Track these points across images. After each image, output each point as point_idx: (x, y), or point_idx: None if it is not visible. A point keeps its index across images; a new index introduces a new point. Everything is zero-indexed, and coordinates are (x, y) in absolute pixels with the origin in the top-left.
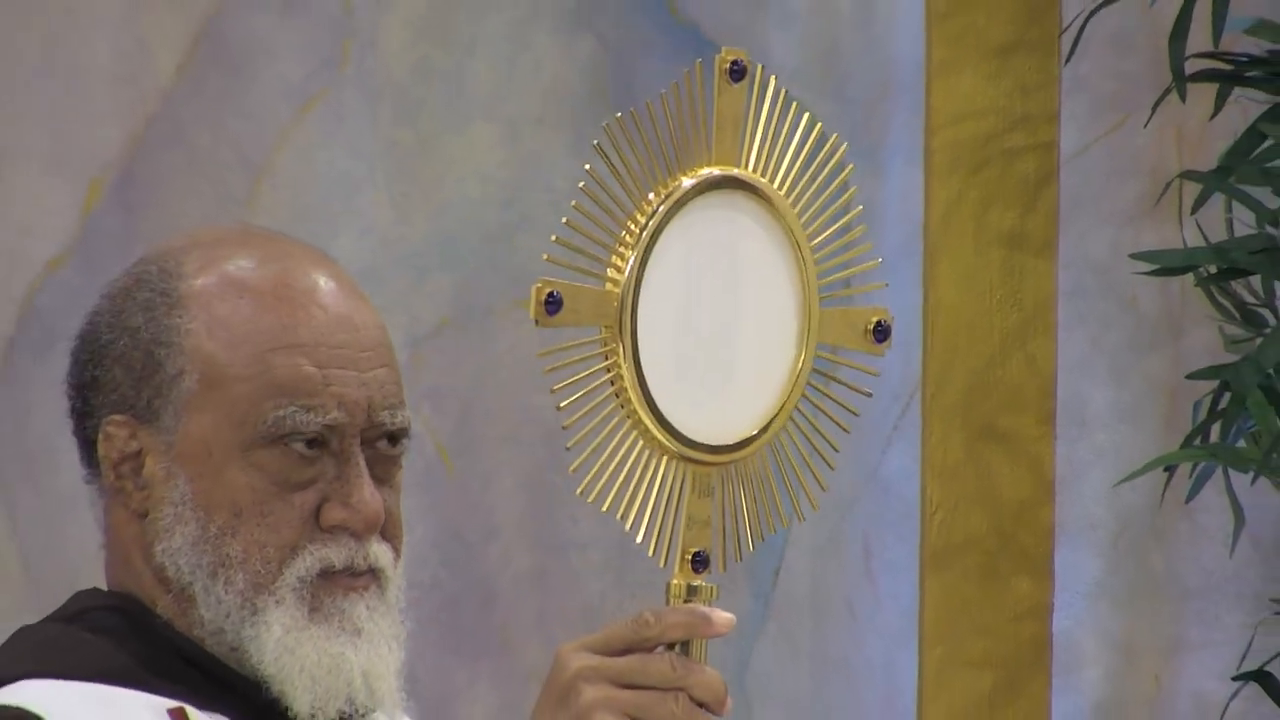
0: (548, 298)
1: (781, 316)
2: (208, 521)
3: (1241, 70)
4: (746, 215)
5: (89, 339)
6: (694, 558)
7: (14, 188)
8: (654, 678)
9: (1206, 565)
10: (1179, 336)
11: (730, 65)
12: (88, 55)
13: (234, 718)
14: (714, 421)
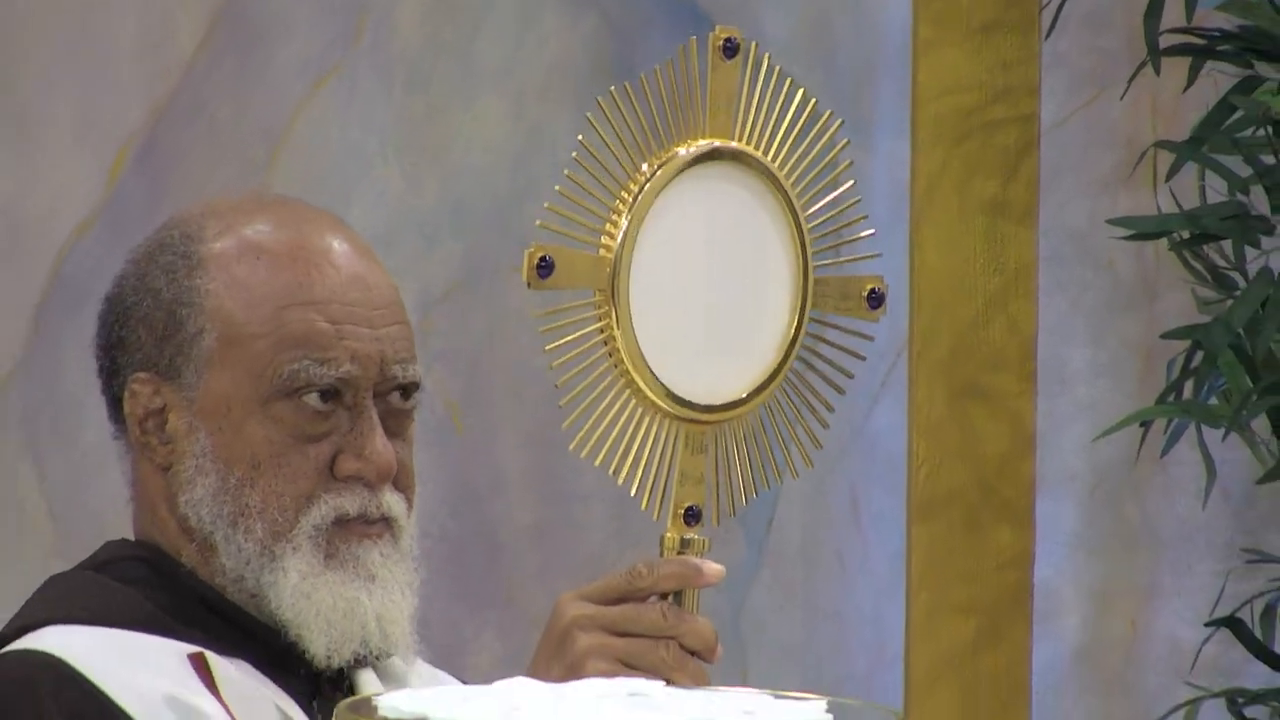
0: (539, 262)
1: (775, 283)
2: (227, 473)
3: (1213, 45)
4: (740, 186)
5: (115, 301)
6: (687, 512)
7: (43, 156)
8: (646, 626)
9: (1180, 516)
10: (1154, 299)
11: (724, 42)
12: (114, 32)
13: (253, 662)
14: (707, 382)
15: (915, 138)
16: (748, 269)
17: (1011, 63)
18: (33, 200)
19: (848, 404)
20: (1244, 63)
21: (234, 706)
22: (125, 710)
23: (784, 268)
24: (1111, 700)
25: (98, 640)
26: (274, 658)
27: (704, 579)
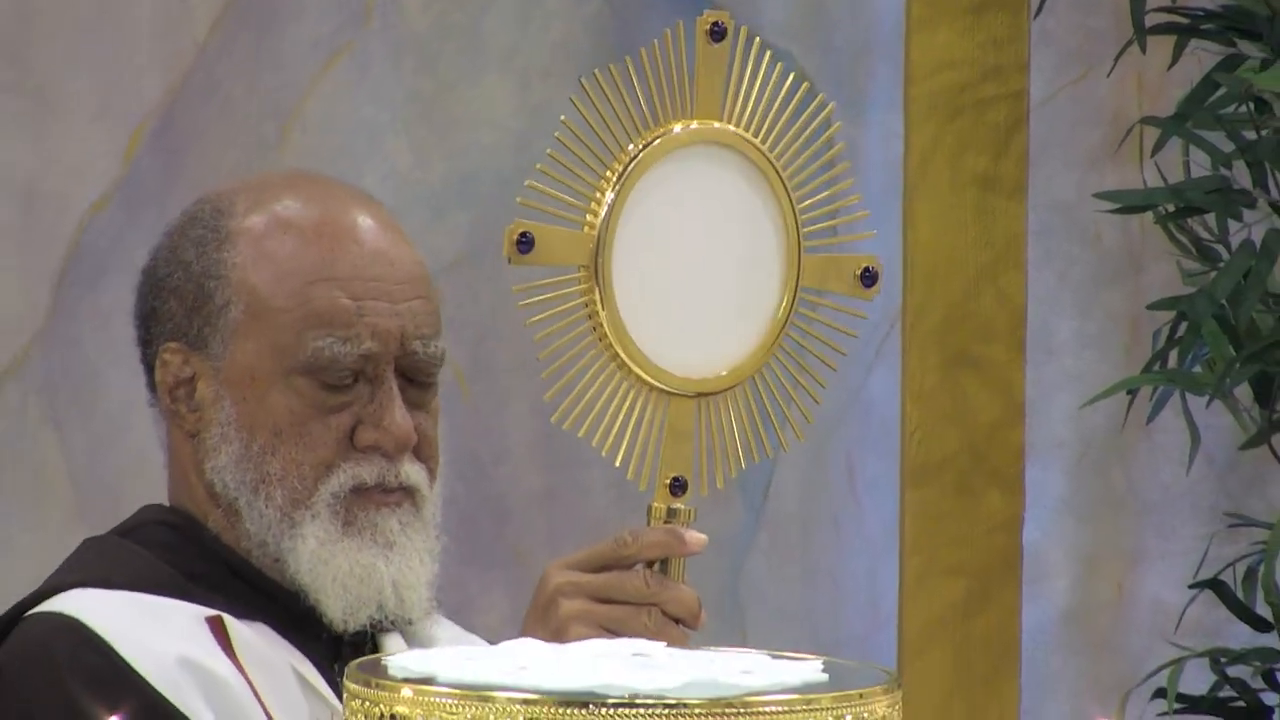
0: (519, 238)
1: (765, 261)
2: (250, 441)
3: (1197, 23)
4: (727, 166)
5: (149, 273)
6: (673, 482)
7: (63, 135)
8: (628, 593)
9: (1164, 481)
10: (1139, 271)
11: (711, 26)
12: (131, 13)
13: (275, 626)
14: (694, 357)
15: (908, 114)
16: (737, 248)
17: (1001, 41)
18: (52, 176)
19: (843, 372)
20: (1227, 41)
21: (249, 669)
22: (139, 671)
23: (775, 247)
24: (1099, 660)
25: (117, 603)
26: (295, 621)
27: (687, 548)
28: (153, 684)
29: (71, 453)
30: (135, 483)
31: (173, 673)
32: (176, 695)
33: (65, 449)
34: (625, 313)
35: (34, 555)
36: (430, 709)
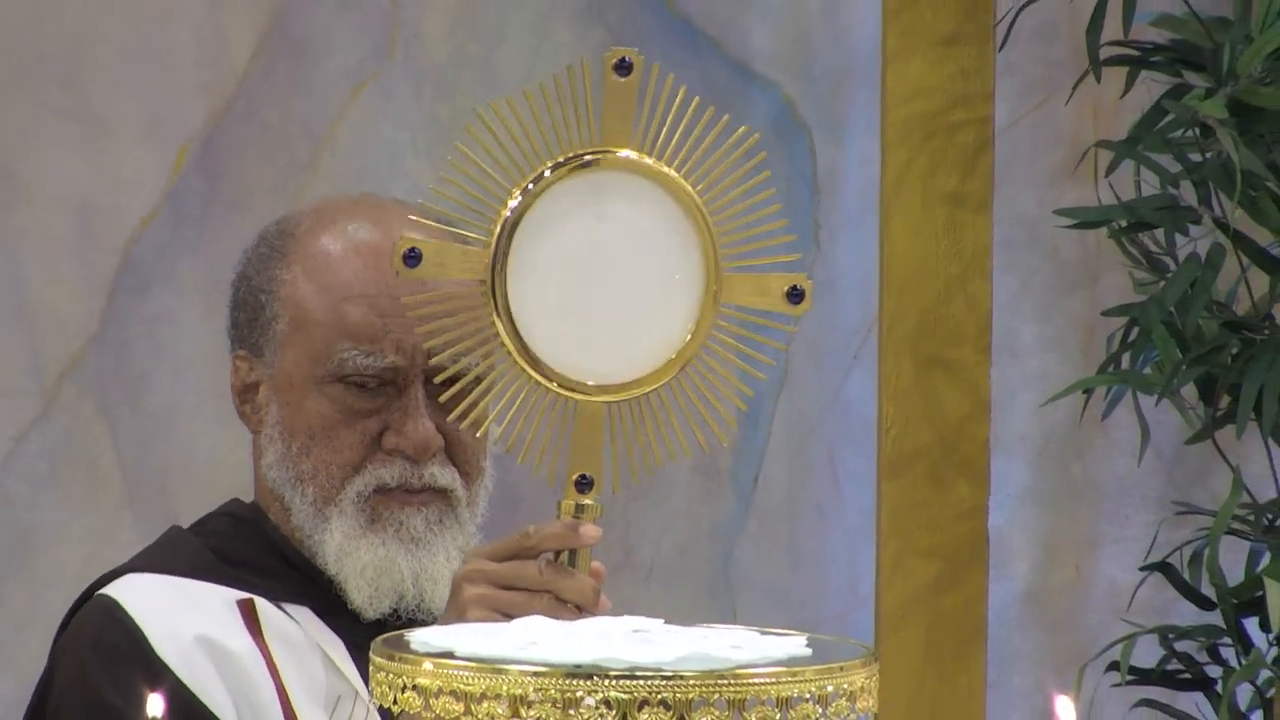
0: (407, 253)
1: (681, 279)
2: (290, 442)
3: (1147, 56)
4: (639, 191)
5: (232, 287)
6: (579, 480)
7: (115, 155)
8: (525, 580)
9: (1118, 473)
10: (1095, 280)
11: (617, 61)
12: (176, 43)
13: (316, 610)
14: (601, 364)
15: (884, 138)
16: (647, 265)
17: (969, 71)
18: (104, 193)
19: (825, 373)
20: (1174, 72)
21: (274, 648)
22: (155, 648)
23: (692, 265)
24: (1058, 636)
25: (155, 586)
26: (334, 607)
27: (581, 540)
28: (166, 660)
29: (121, 445)
30: (180, 473)
31: (189, 650)
32: (188, 671)
33: (116, 442)
34: (526, 322)
35: (87, 538)
36: (449, 680)
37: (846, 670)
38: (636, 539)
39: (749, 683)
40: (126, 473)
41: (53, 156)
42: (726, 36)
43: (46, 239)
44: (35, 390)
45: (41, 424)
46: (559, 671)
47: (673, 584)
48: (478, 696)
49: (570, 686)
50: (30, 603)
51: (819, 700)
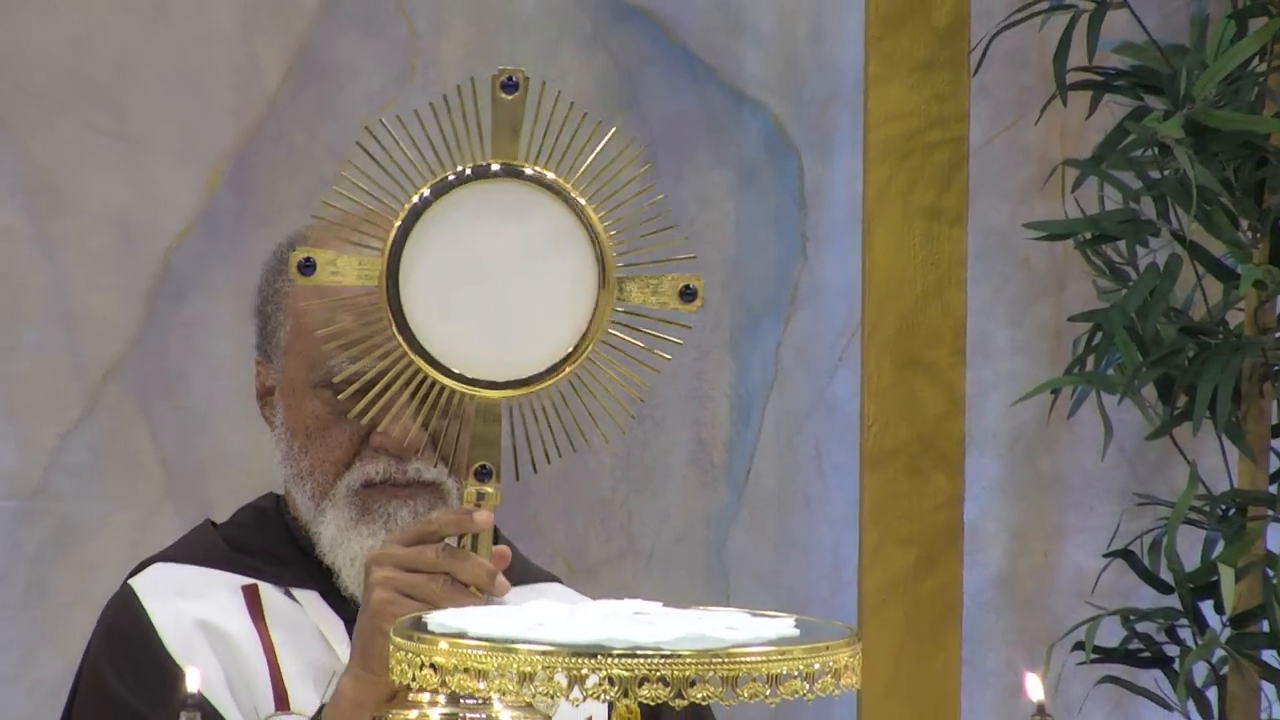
0: (301, 262)
1: (573, 280)
2: (292, 441)
3: (1110, 80)
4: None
5: (254, 297)
6: (479, 470)
7: (153, 173)
8: (424, 563)
9: (1084, 467)
10: (1062, 288)
11: (504, 80)
12: (211, 69)
13: (322, 593)
14: (497, 361)
15: (867, 156)
16: (539, 270)
17: (945, 95)
18: (144, 209)
19: (812, 374)
20: (1135, 95)
21: (274, 630)
22: (159, 631)
23: (584, 269)
24: (1028, 618)
25: (171, 575)
26: (335, 592)
27: (475, 525)
28: (168, 646)
29: (161, 441)
30: (215, 467)
31: (188, 633)
32: (185, 651)
33: (155, 438)
34: (421, 324)
35: (129, 529)
36: (463, 659)
37: (832, 649)
38: (637, 528)
39: (742, 661)
40: (166, 467)
41: (96, 174)
42: (721, 63)
43: (90, 251)
44: (80, 390)
45: (86, 422)
46: (565, 650)
47: (671, 570)
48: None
49: (576, 664)
50: (76, 588)
51: (806, 677)
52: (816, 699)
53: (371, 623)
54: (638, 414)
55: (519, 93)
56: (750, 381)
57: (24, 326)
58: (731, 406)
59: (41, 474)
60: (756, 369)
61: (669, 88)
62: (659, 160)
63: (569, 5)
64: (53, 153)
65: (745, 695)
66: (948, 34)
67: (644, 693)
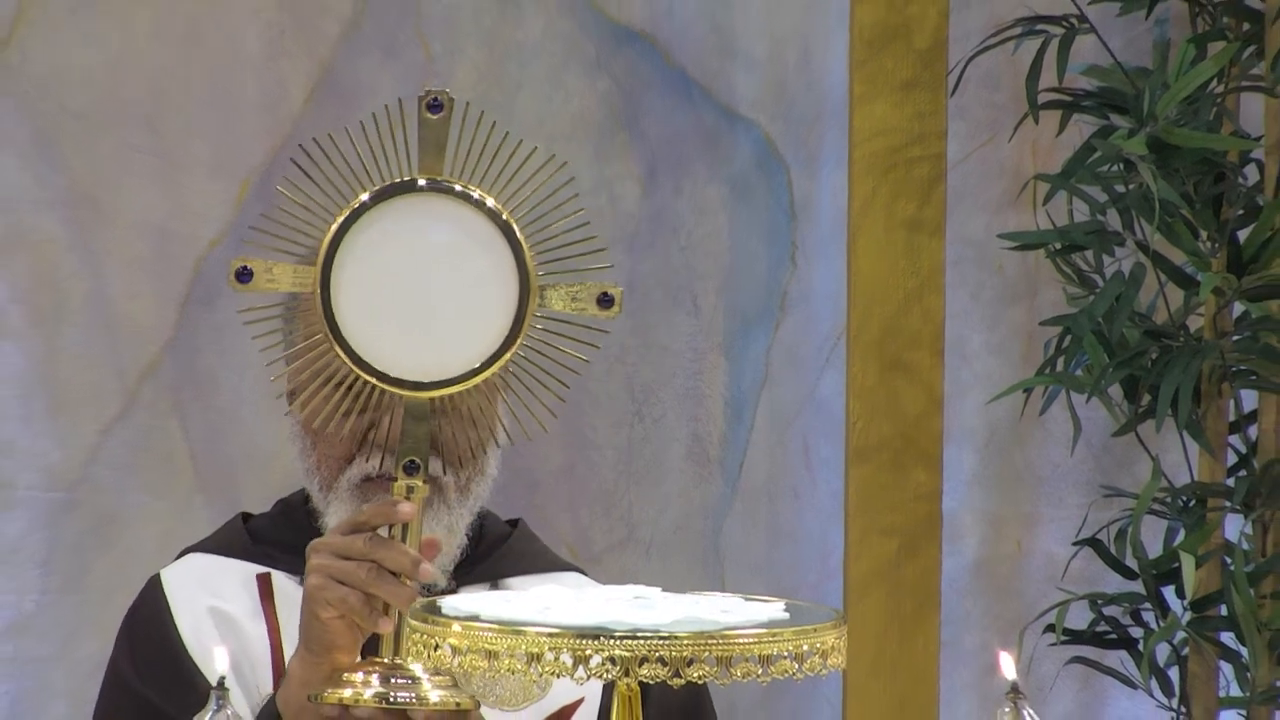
0: (238, 270)
1: (494, 287)
2: (304, 439)
3: (1079, 100)
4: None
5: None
6: (407, 465)
7: (187, 187)
8: (354, 552)
9: (1054, 461)
10: (1034, 294)
11: (430, 101)
12: (241, 91)
13: None
14: (424, 363)
15: (852, 171)
16: (463, 278)
17: (925, 113)
18: (178, 220)
19: (801, 374)
20: (1102, 114)
21: (282, 615)
22: (176, 619)
23: (504, 275)
24: (1002, 602)
25: (196, 563)
26: None
27: (398, 517)
28: (181, 632)
29: (193, 438)
30: (244, 462)
31: (200, 618)
32: (195, 636)
33: (188, 435)
34: (352, 328)
35: (163, 519)
36: (475, 640)
37: (819, 632)
38: (638, 518)
39: (735, 642)
40: (197, 462)
41: (134, 187)
42: (715, 84)
43: (128, 259)
44: (118, 390)
45: (124, 420)
46: (570, 632)
47: (669, 557)
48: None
49: (580, 645)
50: (115, 574)
51: (796, 657)
52: (805, 678)
53: (308, 607)
54: (639, 412)
55: (444, 112)
56: (743, 382)
57: (66, 330)
58: (726, 405)
59: (82, 467)
60: (749, 370)
61: (667, 108)
62: (658, 175)
63: (574, 31)
64: (93, 168)
65: (738, 674)
66: (927, 57)
67: (644, 672)
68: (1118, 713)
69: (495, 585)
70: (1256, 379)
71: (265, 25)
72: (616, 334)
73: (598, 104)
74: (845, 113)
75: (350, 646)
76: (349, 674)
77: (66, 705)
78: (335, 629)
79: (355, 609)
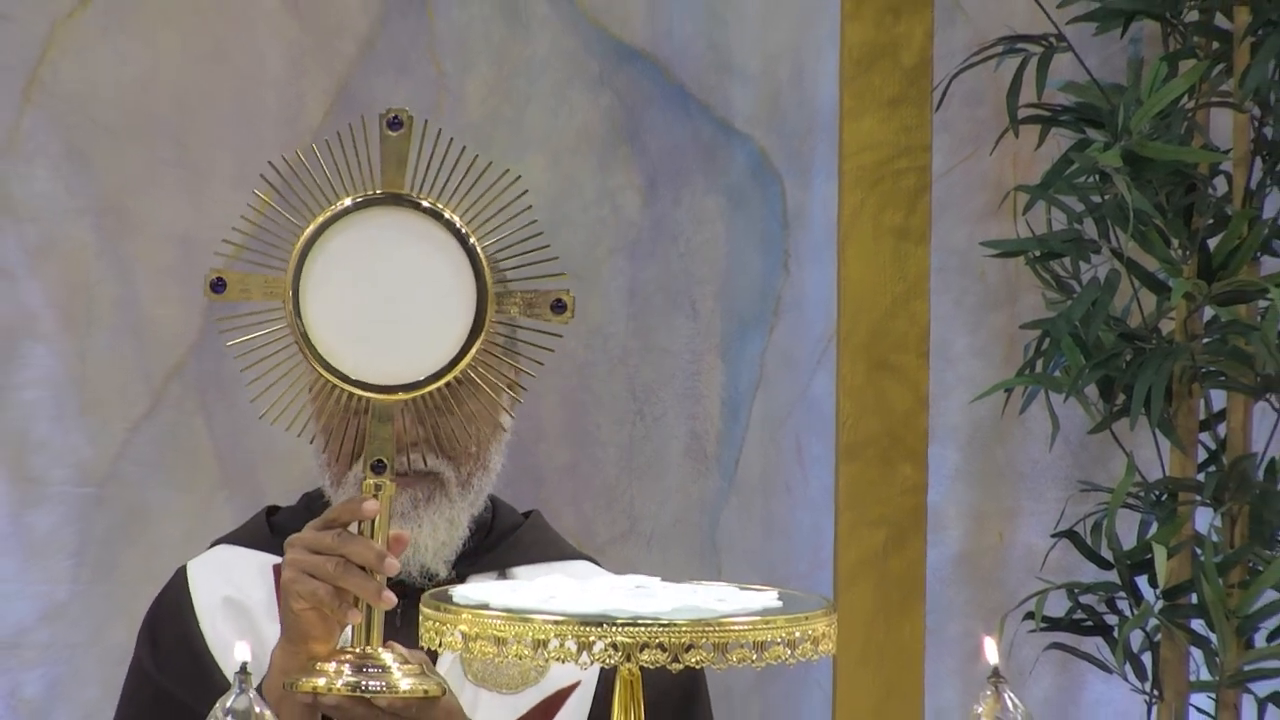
0: (214, 281)
1: (453, 295)
2: (317, 436)
3: (1057, 115)
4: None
5: None
6: (374, 464)
7: (211, 197)
8: (323, 546)
9: (1034, 457)
10: (1015, 300)
11: (390, 119)
12: (262, 106)
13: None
14: (388, 368)
15: (842, 183)
16: (424, 287)
17: (911, 128)
18: (204, 229)
19: (794, 375)
20: (1079, 129)
21: None
22: (196, 609)
23: (462, 284)
24: (984, 591)
25: (219, 555)
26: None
27: (362, 514)
28: (200, 620)
29: (217, 436)
30: (265, 459)
31: (216, 606)
32: (212, 626)
33: (212, 433)
34: (321, 335)
35: (187, 514)
36: (484, 627)
37: (811, 619)
38: (639, 512)
39: (731, 629)
40: (221, 459)
41: (161, 198)
42: (713, 99)
43: (156, 266)
44: (146, 390)
45: (151, 418)
46: (574, 620)
47: (669, 549)
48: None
49: (584, 632)
50: (143, 565)
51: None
52: (797, 663)
53: (283, 599)
54: (640, 411)
55: (404, 130)
56: (739, 382)
57: (97, 333)
58: (722, 404)
59: (111, 464)
60: (744, 371)
61: (667, 122)
62: (658, 186)
63: (578, 49)
64: (122, 179)
65: (734, 660)
66: (913, 74)
67: (644, 657)
68: (1094, 696)
69: (503, 574)
70: (1225, 379)
71: (286, 45)
72: (619, 337)
73: (601, 118)
74: (835, 127)
75: (324, 636)
76: (322, 663)
77: (98, 689)
78: (308, 620)
79: (324, 601)
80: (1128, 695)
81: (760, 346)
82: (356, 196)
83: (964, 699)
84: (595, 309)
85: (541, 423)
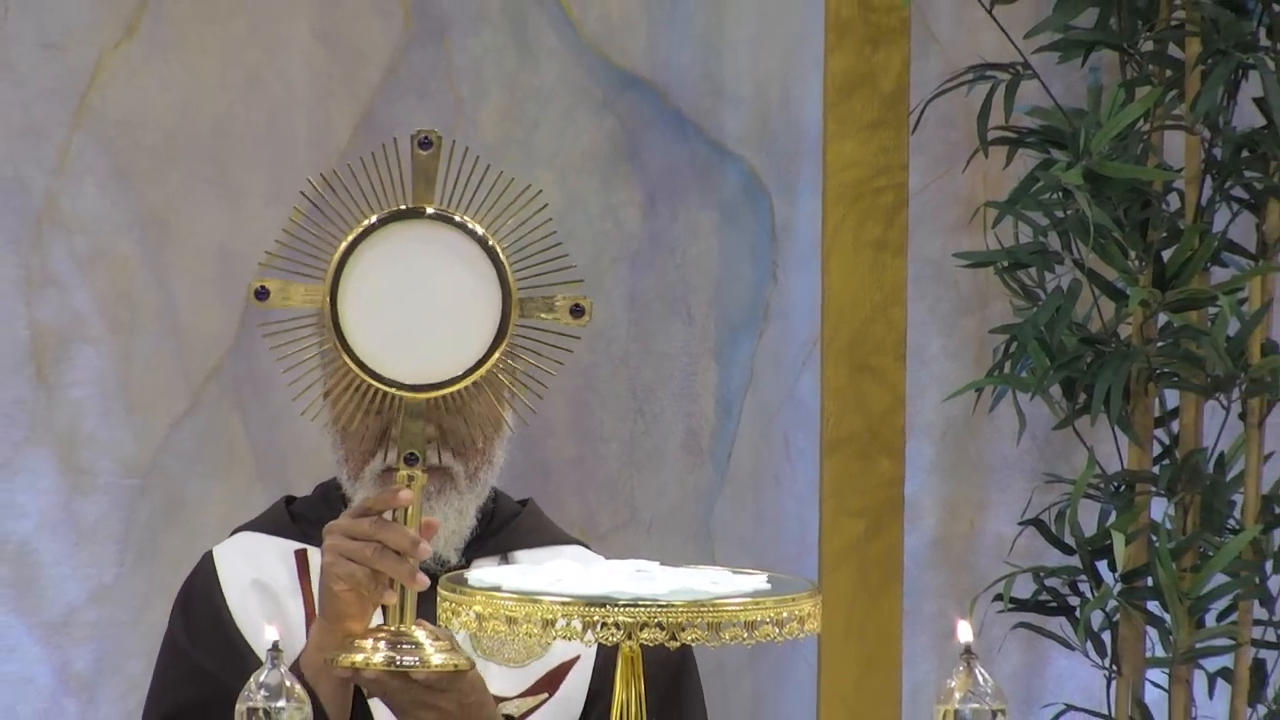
0: (257, 290)
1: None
2: (334, 435)
3: (1024, 137)
4: (442, 237)
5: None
6: (408, 457)
7: (246, 213)
8: (360, 532)
9: (1002, 451)
10: (985, 306)
11: (421, 139)
12: (293, 129)
13: None
14: (420, 368)
15: (825, 199)
16: (453, 293)
17: (889, 149)
18: (239, 241)
19: (782, 375)
20: (1043, 149)
21: (316, 586)
22: (223, 589)
23: (489, 292)
24: (957, 574)
25: (243, 541)
26: None
27: (397, 503)
28: (230, 602)
29: (252, 432)
30: (296, 453)
31: (244, 589)
32: (240, 606)
33: (248, 430)
34: (357, 338)
35: (224, 504)
36: (497, 608)
37: (797, 600)
38: (639, 502)
39: (724, 610)
40: (255, 453)
41: (200, 214)
42: (706, 122)
43: (195, 276)
44: (186, 390)
45: (191, 415)
46: (579, 601)
47: (666, 535)
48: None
49: (589, 612)
50: (181, 550)
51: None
52: (785, 641)
53: (324, 581)
54: (640, 410)
55: (433, 149)
56: (731, 383)
57: (141, 337)
58: (716, 403)
59: (154, 457)
60: (736, 372)
61: (665, 143)
62: (656, 202)
63: (583, 77)
64: (164, 196)
65: (727, 638)
66: (891, 100)
67: (644, 636)
68: (1058, 671)
69: (504, 558)
70: (1178, 380)
71: (315, 73)
72: (620, 340)
73: (604, 140)
74: (820, 148)
75: (360, 615)
76: (359, 640)
77: (141, 664)
78: (346, 600)
79: (362, 583)
80: (1089, 670)
81: (750, 350)
82: (389, 210)
83: (939, 673)
84: (598, 315)
85: (549, 419)
